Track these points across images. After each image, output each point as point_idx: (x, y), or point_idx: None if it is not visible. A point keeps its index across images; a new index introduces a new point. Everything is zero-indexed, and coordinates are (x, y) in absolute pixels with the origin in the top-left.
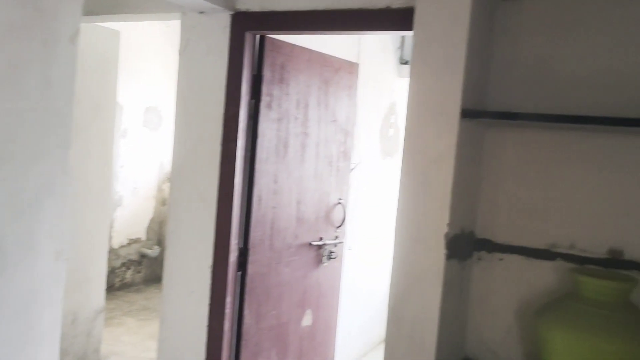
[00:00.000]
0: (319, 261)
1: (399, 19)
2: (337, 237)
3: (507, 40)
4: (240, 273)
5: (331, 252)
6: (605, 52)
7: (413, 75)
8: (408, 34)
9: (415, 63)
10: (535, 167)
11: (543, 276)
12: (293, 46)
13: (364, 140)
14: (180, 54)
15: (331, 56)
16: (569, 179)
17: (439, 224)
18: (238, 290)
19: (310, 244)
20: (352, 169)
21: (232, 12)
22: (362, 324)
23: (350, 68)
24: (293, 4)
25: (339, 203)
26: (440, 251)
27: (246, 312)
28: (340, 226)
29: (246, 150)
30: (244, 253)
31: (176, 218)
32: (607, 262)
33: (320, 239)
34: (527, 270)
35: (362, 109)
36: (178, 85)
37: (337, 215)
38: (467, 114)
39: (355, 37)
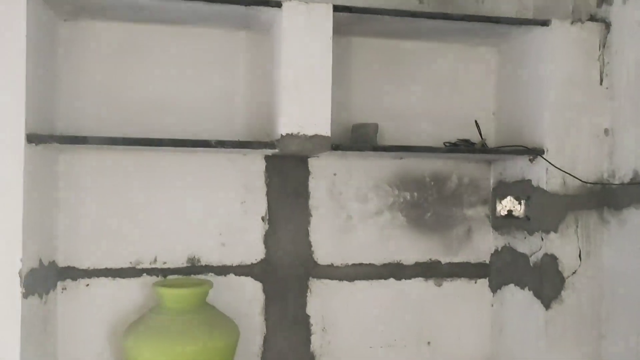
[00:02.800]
0: None
1: None
2: None
3: (73, 62)
4: None
5: None
6: (163, 78)
7: None
8: None
9: None
10: (115, 189)
11: (131, 294)
12: None
13: None
14: None
15: None
16: (146, 197)
17: (11, 261)
18: None
19: None
20: None
21: None
22: None
23: None
24: None
25: None
26: (16, 290)
27: None
28: None
29: None
30: None
31: None
32: (187, 269)
33: None
34: (115, 291)
35: None
36: None
37: None
38: (33, 139)
39: None
